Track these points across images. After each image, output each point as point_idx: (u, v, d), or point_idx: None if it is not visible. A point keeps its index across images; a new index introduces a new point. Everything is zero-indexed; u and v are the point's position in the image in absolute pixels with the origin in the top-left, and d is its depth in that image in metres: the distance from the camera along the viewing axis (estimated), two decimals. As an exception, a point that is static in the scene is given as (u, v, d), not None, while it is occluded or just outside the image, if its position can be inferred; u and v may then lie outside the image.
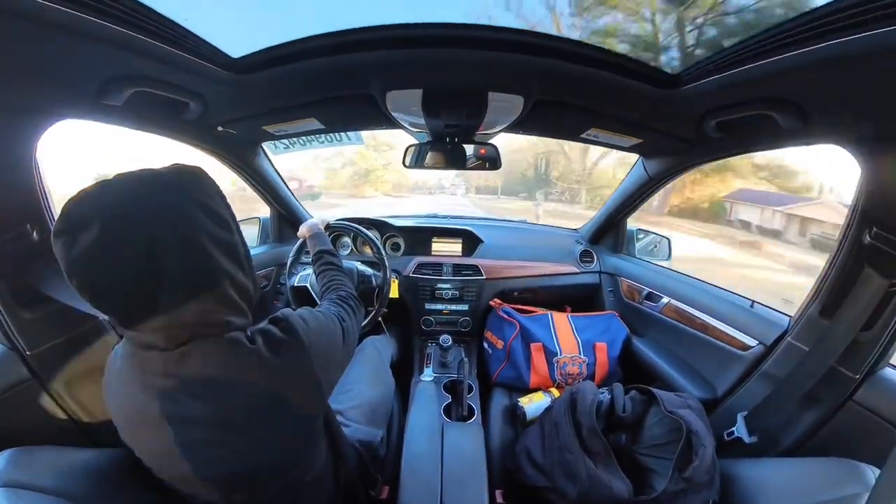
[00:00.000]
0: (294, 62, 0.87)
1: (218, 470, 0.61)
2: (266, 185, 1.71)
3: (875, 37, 0.52)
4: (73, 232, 0.47)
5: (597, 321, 1.73)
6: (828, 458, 0.81)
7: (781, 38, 0.62)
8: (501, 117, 1.16)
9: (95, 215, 0.47)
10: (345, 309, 0.86)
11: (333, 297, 0.93)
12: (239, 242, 0.62)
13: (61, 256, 0.48)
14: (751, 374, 1.19)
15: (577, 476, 0.97)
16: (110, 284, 0.49)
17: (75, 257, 0.47)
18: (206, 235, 0.55)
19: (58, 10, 0.54)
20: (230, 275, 0.58)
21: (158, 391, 0.57)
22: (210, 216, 0.56)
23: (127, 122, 0.96)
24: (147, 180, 0.53)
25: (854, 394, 0.95)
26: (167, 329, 0.54)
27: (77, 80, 0.74)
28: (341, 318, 0.80)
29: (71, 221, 0.48)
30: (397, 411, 1.43)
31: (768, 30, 0.64)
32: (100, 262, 0.48)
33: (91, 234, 0.46)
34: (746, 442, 1.07)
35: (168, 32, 0.69)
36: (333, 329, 0.75)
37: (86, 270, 0.49)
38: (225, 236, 0.58)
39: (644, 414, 1.13)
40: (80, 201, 0.49)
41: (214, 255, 0.55)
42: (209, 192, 0.58)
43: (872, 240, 0.87)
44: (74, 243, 0.47)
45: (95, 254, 0.47)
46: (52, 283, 0.83)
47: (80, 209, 0.48)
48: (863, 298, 0.89)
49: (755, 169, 14.76)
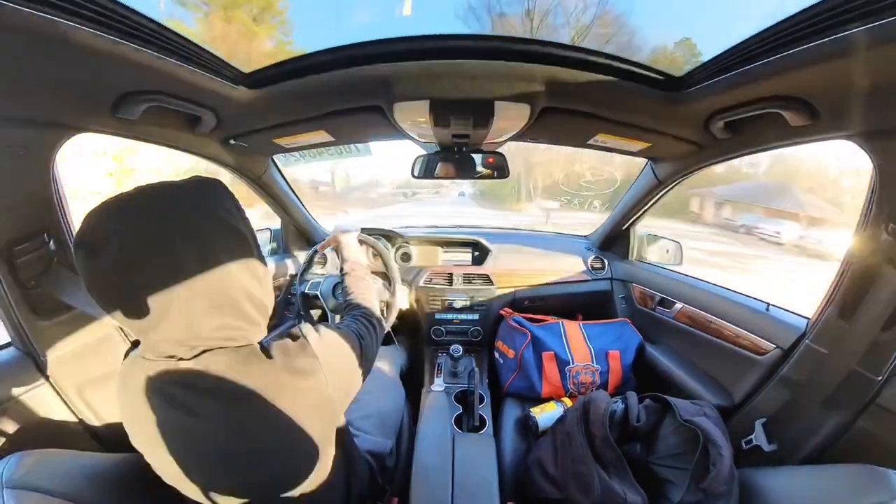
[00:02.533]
0: (304, 76, 0.89)
1: (230, 479, 0.61)
2: (277, 196, 1.74)
3: (882, 27, 0.52)
4: (93, 247, 0.48)
5: (609, 329, 1.71)
6: (851, 465, 0.78)
7: (786, 35, 0.62)
8: (508, 126, 1.17)
9: (115, 232, 0.48)
10: (366, 327, 0.86)
11: (356, 312, 0.93)
12: (257, 257, 0.62)
13: (82, 268, 0.50)
14: (768, 380, 1.16)
15: (591, 488, 0.95)
16: (129, 299, 0.51)
17: (95, 271, 0.49)
18: (225, 252, 0.56)
19: (79, 30, 0.56)
20: (247, 290, 0.59)
21: (173, 400, 0.57)
22: (229, 232, 0.57)
23: (141, 135, 0.99)
24: (166, 195, 0.54)
25: (877, 397, 0.92)
26: (184, 341, 0.55)
27: (94, 96, 0.77)
28: (360, 335, 0.80)
29: (91, 236, 0.49)
30: (407, 422, 1.42)
31: (772, 27, 0.64)
32: (120, 277, 0.49)
33: (111, 251, 0.48)
34: (766, 450, 1.04)
35: (183, 49, 0.72)
36: (351, 346, 0.75)
37: (106, 285, 0.50)
38: (243, 251, 0.59)
39: (659, 423, 1.10)
40: (99, 216, 0.50)
41: (233, 271, 0.56)
42: (228, 208, 0.59)
43: (890, 236, 0.85)
44: (95, 257, 0.48)
45: (115, 270, 0.49)
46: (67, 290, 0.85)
47: (100, 225, 0.49)
48: (882, 297, 0.87)
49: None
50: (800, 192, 12.03)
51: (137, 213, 0.51)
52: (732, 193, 12.74)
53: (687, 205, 12.50)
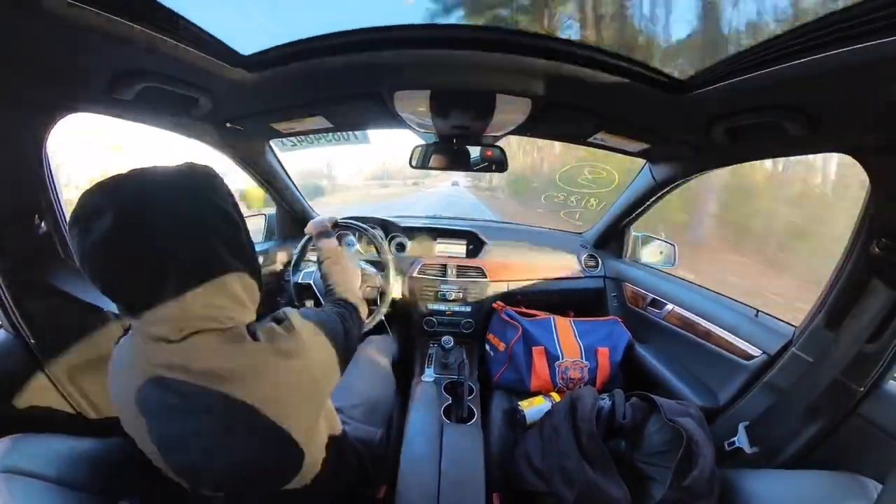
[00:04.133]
0: (303, 60, 0.88)
1: (218, 461, 0.61)
2: (273, 182, 1.72)
3: (885, 45, 0.52)
4: (88, 221, 0.50)
5: (599, 326, 1.72)
6: (830, 472, 0.80)
7: (791, 46, 0.62)
8: (509, 119, 1.16)
9: (110, 206, 0.50)
10: (347, 309, 0.87)
11: (336, 297, 0.95)
12: (246, 242, 0.64)
13: (75, 244, 0.51)
14: (753, 384, 1.18)
15: (575, 482, 0.97)
16: (121, 273, 0.52)
17: (89, 245, 0.50)
18: (216, 235, 0.57)
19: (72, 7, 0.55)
20: (237, 272, 0.61)
21: (163, 382, 0.58)
22: (220, 216, 0.59)
23: (136, 117, 0.97)
24: (161, 177, 0.55)
25: (858, 406, 0.94)
26: (175, 320, 0.56)
27: (88, 76, 0.75)
28: (343, 318, 0.82)
29: (86, 211, 0.50)
30: (397, 411, 1.43)
31: (778, 37, 0.63)
32: (112, 251, 0.50)
33: (105, 224, 0.49)
34: (747, 452, 1.06)
35: (179, 29, 0.70)
36: (335, 329, 0.76)
37: (98, 259, 0.51)
38: (234, 236, 0.61)
39: (644, 421, 1.12)
40: (95, 192, 0.51)
41: (223, 253, 0.58)
42: (220, 193, 0.61)
43: (880, 250, 0.86)
44: (89, 232, 0.49)
45: (108, 243, 0.49)
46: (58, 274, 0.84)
47: (96, 199, 0.51)
48: (869, 309, 0.88)
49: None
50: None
51: (132, 191, 0.52)
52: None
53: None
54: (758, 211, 6.59)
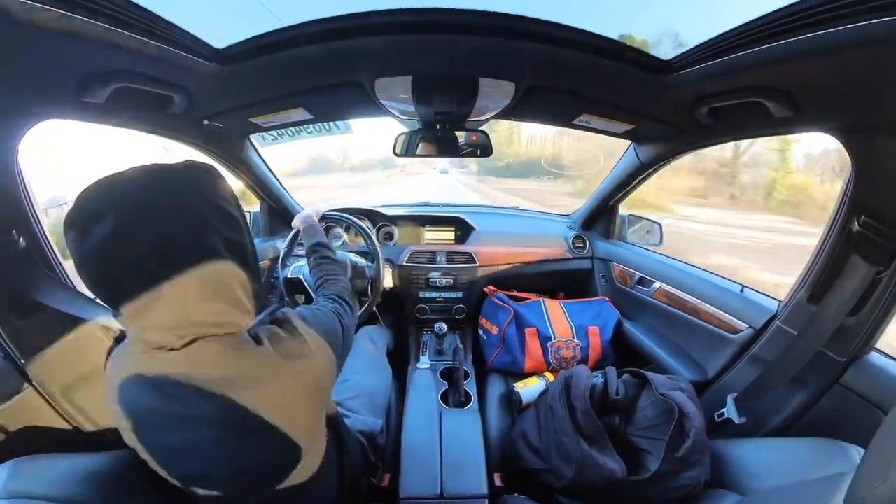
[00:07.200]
0: (280, 51, 0.85)
1: (225, 468, 0.61)
2: (255, 178, 1.68)
3: (865, 28, 0.52)
4: (87, 223, 0.48)
5: (588, 307, 1.75)
6: (815, 439, 0.83)
7: (774, 27, 0.62)
8: (493, 103, 1.15)
9: (109, 208, 0.48)
10: (341, 305, 0.87)
11: (329, 292, 0.94)
12: (248, 243, 0.62)
13: (73, 247, 0.49)
14: (740, 357, 1.22)
15: (572, 457, 0.99)
16: (121, 278, 0.50)
17: (87, 249, 0.48)
18: (218, 236, 0.55)
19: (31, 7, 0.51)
20: (239, 276, 0.59)
21: (165, 392, 0.56)
22: (221, 217, 0.57)
23: (110, 120, 0.93)
24: (161, 176, 0.53)
25: (840, 377, 0.98)
26: (175, 328, 0.54)
27: (56, 79, 0.71)
28: (339, 314, 0.81)
29: (85, 212, 0.49)
30: (395, 400, 1.45)
31: (761, 17, 0.63)
32: (112, 255, 0.49)
33: (105, 227, 0.47)
34: (736, 423, 1.10)
35: (148, 25, 0.67)
36: (334, 326, 0.76)
37: (97, 262, 0.49)
38: (235, 237, 0.58)
39: (637, 396, 1.15)
40: (94, 192, 0.49)
41: (225, 255, 0.56)
42: (221, 192, 0.59)
43: (861, 227, 0.88)
44: (87, 235, 0.48)
45: (108, 247, 0.48)
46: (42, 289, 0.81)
47: (94, 200, 0.49)
48: (850, 285, 0.91)
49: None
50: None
51: (132, 190, 0.50)
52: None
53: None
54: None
